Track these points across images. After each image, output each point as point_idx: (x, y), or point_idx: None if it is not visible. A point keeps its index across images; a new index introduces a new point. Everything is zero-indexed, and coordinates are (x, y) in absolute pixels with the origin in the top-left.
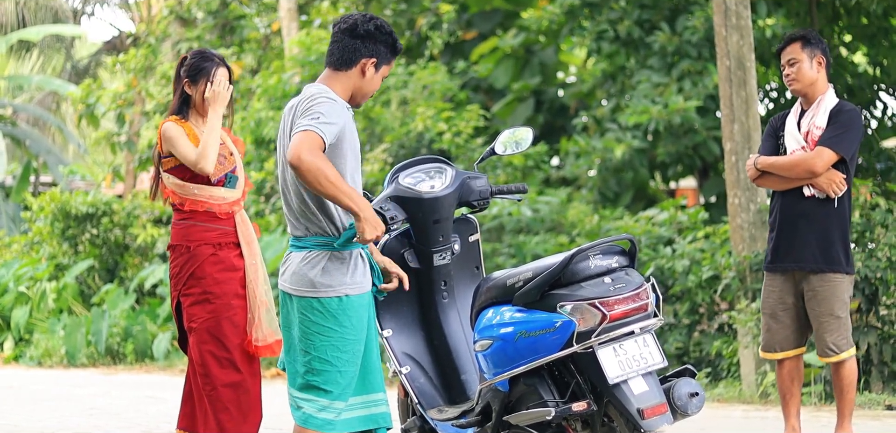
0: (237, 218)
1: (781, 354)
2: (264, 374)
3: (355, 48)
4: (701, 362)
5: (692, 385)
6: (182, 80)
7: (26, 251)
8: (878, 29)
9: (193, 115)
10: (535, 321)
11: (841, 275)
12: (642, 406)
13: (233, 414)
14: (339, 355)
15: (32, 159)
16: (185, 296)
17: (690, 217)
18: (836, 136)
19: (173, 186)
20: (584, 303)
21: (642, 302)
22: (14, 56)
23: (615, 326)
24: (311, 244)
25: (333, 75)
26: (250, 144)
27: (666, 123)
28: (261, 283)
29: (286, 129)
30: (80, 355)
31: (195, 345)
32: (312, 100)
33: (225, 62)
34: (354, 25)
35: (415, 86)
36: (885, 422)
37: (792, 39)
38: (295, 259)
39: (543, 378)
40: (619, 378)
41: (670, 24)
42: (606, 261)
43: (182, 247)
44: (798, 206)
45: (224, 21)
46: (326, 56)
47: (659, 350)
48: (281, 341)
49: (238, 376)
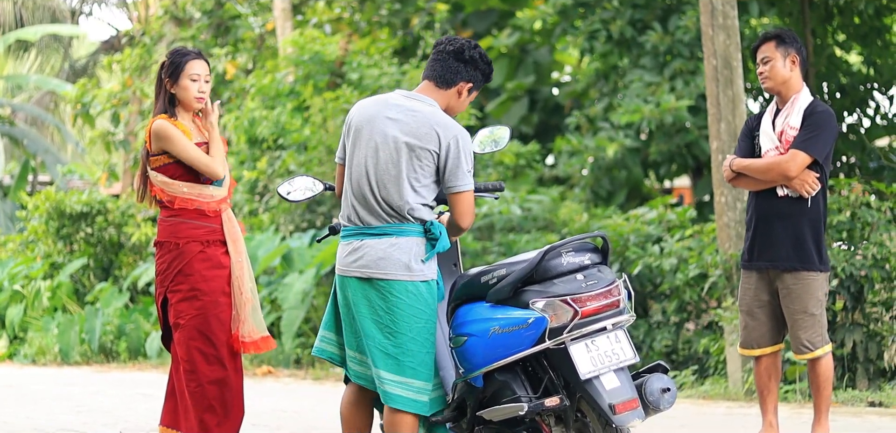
0: (224, 216)
1: (758, 351)
2: (255, 373)
3: (457, 70)
4: (688, 360)
5: (664, 381)
6: (164, 82)
7: (21, 250)
8: (871, 29)
9: (180, 111)
10: (507, 318)
11: (815, 272)
12: (614, 401)
13: (217, 411)
14: (430, 338)
15: (30, 158)
16: (172, 292)
17: (679, 215)
18: (809, 138)
19: (162, 184)
20: (556, 300)
21: (614, 298)
22: (12, 56)
23: (587, 322)
24: (402, 231)
25: (434, 90)
26: (244, 143)
27: (658, 122)
28: (247, 281)
29: (387, 130)
30: (74, 353)
31: (182, 342)
32: (462, 149)
33: (202, 54)
34: (461, 50)
35: (408, 85)
36: (867, 419)
37: (766, 38)
38: (379, 245)
39: (517, 374)
40: (591, 373)
41: (662, 23)
42: (579, 258)
43: (170, 243)
44: (772, 206)
45: (219, 21)
46: (427, 70)
47: (631, 346)
48: (267, 338)
49: (223, 373)
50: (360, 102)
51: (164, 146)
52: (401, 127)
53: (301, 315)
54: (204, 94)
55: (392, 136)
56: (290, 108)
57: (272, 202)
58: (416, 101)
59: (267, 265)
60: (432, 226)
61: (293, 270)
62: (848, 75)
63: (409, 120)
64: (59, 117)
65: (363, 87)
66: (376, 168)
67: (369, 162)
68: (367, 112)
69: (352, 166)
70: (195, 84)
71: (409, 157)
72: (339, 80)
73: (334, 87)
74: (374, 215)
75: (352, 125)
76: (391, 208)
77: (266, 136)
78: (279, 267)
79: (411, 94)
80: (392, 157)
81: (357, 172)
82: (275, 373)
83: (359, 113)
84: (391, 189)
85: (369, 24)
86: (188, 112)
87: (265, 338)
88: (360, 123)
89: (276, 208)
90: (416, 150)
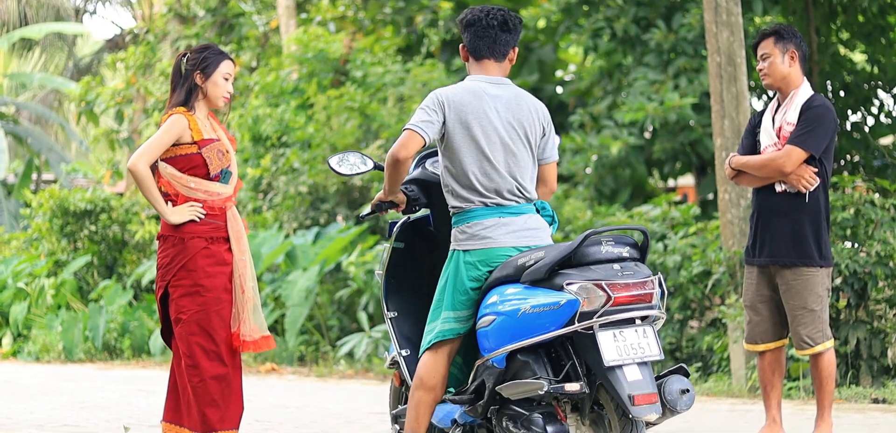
0: (228, 213)
1: (762, 346)
2: (259, 370)
3: (507, 41)
4: (692, 357)
5: (683, 382)
6: (190, 74)
7: (25, 248)
8: (875, 27)
9: (198, 106)
10: (539, 298)
11: (814, 268)
12: (634, 392)
13: (219, 405)
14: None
15: (34, 157)
16: (173, 287)
17: (682, 213)
18: (804, 134)
19: (169, 177)
20: (591, 284)
21: (648, 291)
22: (16, 54)
23: (618, 311)
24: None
25: (496, 66)
26: (248, 141)
27: (662, 120)
28: (249, 279)
29: (516, 123)
30: (78, 350)
31: (183, 337)
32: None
33: (231, 57)
34: (506, 21)
35: (411, 83)
36: (870, 416)
37: (765, 35)
38: (536, 218)
39: (540, 356)
40: (614, 362)
41: (666, 21)
42: (618, 250)
43: (175, 237)
44: (771, 202)
45: (223, 18)
46: (481, 51)
47: (657, 343)
48: (267, 338)
49: (224, 369)
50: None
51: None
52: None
53: (304, 312)
54: (230, 93)
55: (525, 127)
56: (294, 106)
57: (276, 199)
58: (528, 96)
59: (271, 262)
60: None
61: (297, 268)
62: (852, 73)
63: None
64: (63, 115)
65: (367, 84)
66: (509, 154)
67: (500, 148)
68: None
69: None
70: (226, 83)
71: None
72: (342, 77)
73: (338, 84)
74: (526, 195)
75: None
76: (529, 189)
77: (270, 134)
78: (283, 264)
79: (516, 87)
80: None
81: (493, 157)
82: (278, 370)
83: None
84: (531, 169)
85: (373, 22)
86: (207, 108)
87: (265, 337)
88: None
89: (280, 206)
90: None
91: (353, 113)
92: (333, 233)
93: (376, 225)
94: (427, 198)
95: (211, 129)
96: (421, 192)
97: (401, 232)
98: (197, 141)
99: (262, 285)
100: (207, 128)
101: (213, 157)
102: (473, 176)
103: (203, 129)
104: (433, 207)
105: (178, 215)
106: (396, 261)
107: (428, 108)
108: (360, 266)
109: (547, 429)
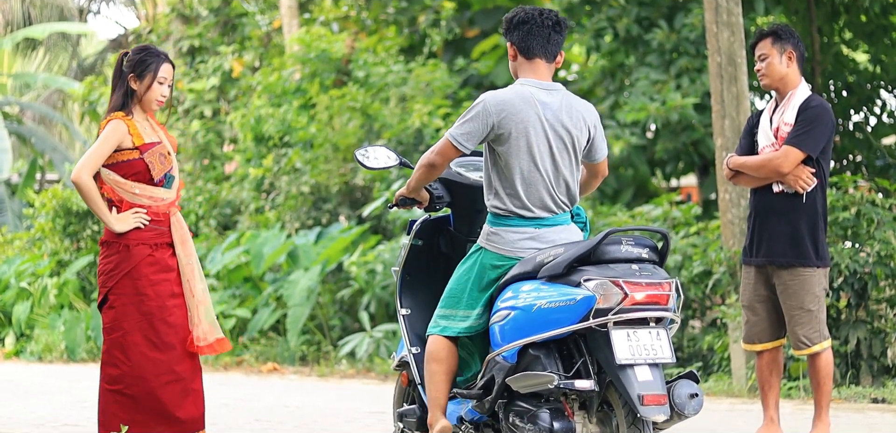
0: (172, 218)
1: (760, 346)
2: (260, 370)
3: (558, 42)
4: (693, 357)
5: (693, 387)
6: (126, 76)
7: (28, 247)
8: (878, 27)
9: (136, 109)
10: (555, 292)
11: (811, 268)
12: (644, 392)
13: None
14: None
15: (38, 157)
16: (115, 294)
17: (683, 212)
18: (801, 134)
19: (113, 183)
20: (608, 281)
21: (664, 293)
22: (20, 54)
23: (633, 310)
24: (578, 211)
25: (546, 67)
26: (250, 141)
27: (664, 120)
28: (197, 282)
29: (563, 132)
30: (80, 350)
31: (109, 344)
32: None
33: (169, 58)
34: (559, 21)
35: (414, 83)
36: (869, 415)
37: (762, 35)
38: (570, 229)
39: (551, 351)
40: (626, 361)
41: (668, 21)
42: (637, 250)
43: (119, 244)
44: (768, 202)
45: (226, 18)
46: (533, 50)
47: (670, 347)
48: (222, 340)
49: (172, 376)
50: None
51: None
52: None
53: (306, 312)
54: (165, 97)
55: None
56: (297, 106)
57: (278, 199)
58: (580, 100)
59: (272, 262)
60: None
61: (298, 268)
62: (854, 73)
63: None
64: (66, 115)
65: (369, 84)
66: (557, 162)
67: (547, 156)
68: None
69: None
70: (161, 87)
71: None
72: (345, 77)
73: (341, 84)
74: (567, 203)
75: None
76: (571, 199)
77: (272, 134)
78: (285, 264)
79: (548, 86)
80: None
81: (543, 166)
82: (280, 370)
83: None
84: (576, 175)
85: (376, 22)
86: (145, 111)
87: (220, 340)
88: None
89: (282, 206)
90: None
91: (356, 113)
92: (335, 233)
93: (378, 225)
94: (450, 197)
95: (151, 132)
96: (444, 191)
97: (420, 229)
98: (138, 146)
99: (264, 285)
100: (148, 130)
101: (155, 162)
102: (519, 183)
103: (143, 132)
104: (455, 207)
105: (123, 223)
106: (413, 258)
107: (472, 120)
108: (361, 266)
109: (553, 425)
